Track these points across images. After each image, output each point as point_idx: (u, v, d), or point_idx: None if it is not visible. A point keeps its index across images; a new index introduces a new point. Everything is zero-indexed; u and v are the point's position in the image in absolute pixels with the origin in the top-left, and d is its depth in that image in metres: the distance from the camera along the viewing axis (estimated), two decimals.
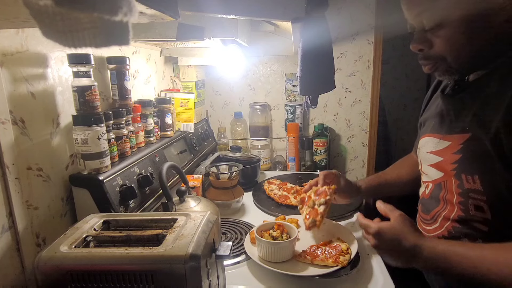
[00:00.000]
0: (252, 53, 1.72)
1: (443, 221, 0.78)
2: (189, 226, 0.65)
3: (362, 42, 1.74)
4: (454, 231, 0.75)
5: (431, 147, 0.81)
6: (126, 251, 0.58)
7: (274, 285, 0.83)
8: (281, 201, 1.28)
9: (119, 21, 0.27)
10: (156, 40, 0.96)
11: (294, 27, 0.83)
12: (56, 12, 0.26)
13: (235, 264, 0.92)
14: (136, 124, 1.05)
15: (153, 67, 1.34)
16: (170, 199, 0.88)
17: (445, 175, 0.77)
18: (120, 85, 1.00)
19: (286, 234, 0.93)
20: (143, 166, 1.00)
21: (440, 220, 0.78)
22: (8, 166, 0.67)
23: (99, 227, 0.68)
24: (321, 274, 0.82)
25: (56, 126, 0.82)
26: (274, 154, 1.93)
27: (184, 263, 0.55)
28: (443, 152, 0.77)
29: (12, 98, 0.69)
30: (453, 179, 0.74)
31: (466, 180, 0.71)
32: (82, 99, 0.80)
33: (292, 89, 1.87)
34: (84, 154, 0.81)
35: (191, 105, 1.34)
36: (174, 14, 0.48)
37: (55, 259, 0.57)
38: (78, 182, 0.83)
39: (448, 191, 0.76)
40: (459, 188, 0.73)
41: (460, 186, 0.73)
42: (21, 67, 0.71)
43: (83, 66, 0.79)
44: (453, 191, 0.74)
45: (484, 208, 0.69)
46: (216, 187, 1.24)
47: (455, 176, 0.74)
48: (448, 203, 0.76)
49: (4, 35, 0.67)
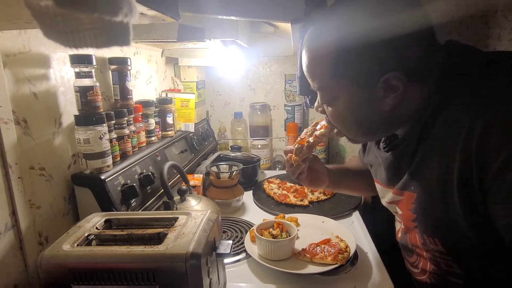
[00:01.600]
0: (252, 54, 1.73)
1: (423, 271, 0.75)
2: (190, 225, 0.65)
3: None
4: (435, 281, 0.72)
5: (388, 198, 0.77)
6: (127, 249, 0.58)
7: (274, 283, 0.84)
8: (281, 200, 1.29)
9: (120, 22, 0.28)
10: (157, 41, 0.96)
11: (293, 28, 0.83)
12: (57, 13, 0.27)
13: (235, 262, 0.92)
14: (137, 124, 1.06)
15: (154, 68, 1.35)
16: (171, 198, 0.89)
17: (408, 229, 0.74)
18: (122, 85, 1.01)
19: (285, 232, 0.93)
20: (145, 166, 1.01)
21: (421, 269, 0.75)
22: (11, 165, 0.68)
23: (101, 226, 0.69)
24: (320, 272, 0.83)
25: (59, 126, 0.82)
26: (274, 153, 1.94)
27: (185, 261, 0.56)
28: (401, 205, 0.73)
29: (14, 99, 0.69)
30: (417, 236, 0.70)
31: (429, 241, 0.67)
32: (84, 99, 0.81)
33: (291, 90, 1.88)
34: (86, 153, 0.82)
35: (191, 105, 1.34)
36: (174, 15, 0.49)
37: (57, 258, 0.58)
38: (80, 182, 0.84)
39: (416, 246, 0.73)
40: (424, 246, 0.69)
41: (425, 245, 0.69)
42: (23, 68, 0.72)
43: (85, 66, 0.80)
44: (421, 247, 0.71)
45: (454, 266, 0.66)
46: (217, 186, 1.25)
47: (418, 235, 0.70)
48: (420, 256, 0.74)
49: (6, 36, 0.68)
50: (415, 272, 0.79)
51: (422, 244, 0.70)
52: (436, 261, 0.69)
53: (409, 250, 0.78)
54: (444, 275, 0.69)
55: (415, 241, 0.72)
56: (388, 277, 0.83)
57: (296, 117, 1.83)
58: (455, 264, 0.66)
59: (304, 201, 1.27)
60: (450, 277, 0.68)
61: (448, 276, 0.69)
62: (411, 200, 0.68)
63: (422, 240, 0.69)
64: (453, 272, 0.67)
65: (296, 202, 1.27)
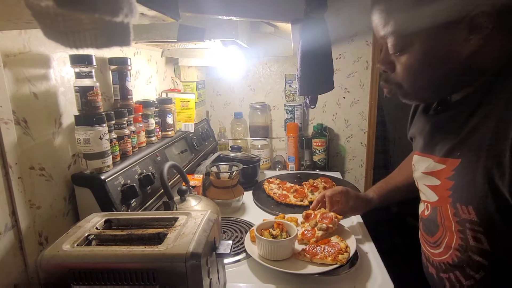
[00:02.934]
0: (252, 54, 1.73)
1: (446, 248, 0.72)
2: (190, 225, 0.65)
3: (361, 43, 1.75)
4: (457, 260, 0.69)
5: (425, 167, 0.76)
6: (127, 249, 0.58)
7: (274, 283, 0.84)
8: (281, 200, 1.29)
9: (120, 22, 0.28)
10: (157, 41, 0.96)
11: (293, 28, 0.83)
12: (58, 13, 0.26)
13: (235, 262, 0.92)
14: (137, 124, 1.06)
15: (154, 68, 1.35)
16: (171, 198, 0.89)
17: (440, 200, 0.72)
18: (122, 85, 1.01)
19: (285, 232, 0.93)
20: (145, 166, 1.01)
21: (443, 247, 0.73)
22: (11, 165, 0.68)
23: (101, 226, 0.68)
24: (320, 272, 0.83)
25: (59, 126, 0.82)
26: (273, 153, 1.94)
27: (185, 261, 0.55)
28: (438, 174, 0.71)
29: (15, 99, 0.69)
30: (449, 207, 0.69)
31: (461, 210, 0.66)
32: (84, 100, 0.81)
33: (291, 90, 1.88)
34: (86, 153, 0.82)
35: (191, 105, 1.34)
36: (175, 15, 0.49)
37: (57, 258, 0.58)
38: (80, 182, 0.84)
39: (445, 218, 0.71)
40: (455, 216, 0.68)
41: (456, 214, 0.67)
42: (23, 68, 0.72)
43: (85, 66, 0.80)
44: (450, 219, 0.69)
45: (482, 239, 0.64)
46: (217, 186, 1.25)
47: (450, 204, 0.68)
48: (447, 230, 0.71)
49: (7, 36, 0.68)
50: (434, 253, 0.76)
51: (454, 214, 0.68)
52: (464, 234, 0.67)
53: (434, 227, 0.75)
54: (469, 253, 0.67)
55: (445, 212, 0.70)
56: (388, 277, 0.84)
57: (296, 117, 1.84)
58: (484, 237, 0.64)
59: (304, 201, 1.28)
60: (475, 256, 0.66)
61: (473, 255, 0.66)
62: (452, 167, 0.67)
63: (454, 210, 0.67)
64: (479, 249, 0.65)
65: (296, 202, 1.27)
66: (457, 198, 0.67)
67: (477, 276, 0.67)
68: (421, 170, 0.77)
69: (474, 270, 0.67)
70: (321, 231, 0.96)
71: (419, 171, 0.79)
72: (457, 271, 0.70)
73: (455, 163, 0.66)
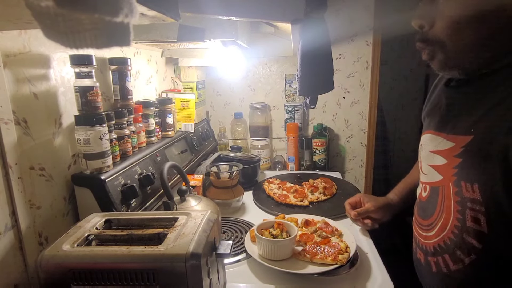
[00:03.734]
0: (252, 54, 1.73)
1: (439, 230, 0.72)
2: (190, 225, 0.65)
3: (361, 43, 1.75)
4: (449, 242, 0.69)
5: (433, 146, 0.75)
6: (127, 249, 0.58)
7: (274, 283, 0.84)
8: (281, 200, 1.29)
9: (120, 22, 0.28)
10: (157, 41, 0.96)
11: (293, 29, 0.83)
12: (58, 14, 0.27)
13: (235, 262, 0.92)
14: (137, 124, 1.06)
15: (154, 68, 1.35)
16: (171, 198, 0.89)
17: (444, 179, 0.71)
18: (122, 85, 1.01)
19: (285, 232, 0.93)
20: (145, 166, 1.01)
21: (437, 228, 0.73)
22: (11, 165, 0.68)
23: (101, 226, 0.69)
24: (320, 272, 0.83)
25: (59, 126, 0.82)
26: (273, 154, 1.94)
27: (185, 261, 0.56)
28: (446, 153, 0.70)
29: (15, 99, 0.69)
30: (451, 185, 0.68)
31: (465, 188, 0.65)
32: (84, 100, 0.81)
33: (291, 90, 1.88)
34: (86, 154, 0.82)
35: (191, 106, 1.34)
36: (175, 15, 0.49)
37: (57, 258, 0.58)
38: (80, 182, 0.84)
39: (446, 197, 0.70)
40: (457, 195, 0.67)
41: (458, 193, 0.66)
42: (23, 68, 0.72)
43: (85, 67, 0.80)
44: (451, 198, 0.68)
45: (481, 220, 0.63)
46: (217, 186, 1.25)
47: (454, 182, 0.67)
48: (444, 210, 0.71)
49: (7, 36, 0.68)
50: (426, 236, 0.76)
51: (456, 193, 0.67)
52: (462, 215, 0.66)
53: (431, 208, 0.74)
54: (463, 235, 0.66)
55: (447, 191, 0.69)
56: (388, 277, 0.84)
57: (296, 117, 1.84)
58: (484, 218, 0.62)
59: (304, 202, 1.27)
60: (469, 238, 0.65)
61: (467, 237, 0.65)
62: (462, 144, 0.66)
63: (457, 189, 0.66)
64: (476, 231, 0.64)
65: (296, 202, 1.27)
66: (462, 176, 0.66)
67: (466, 260, 0.66)
68: (429, 149, 0.76)
69: (465, 253, 0.66)
70: (320, 238, 0.97)
71: (426, 150, 0.77)
72: (446, 255, 0.70)
73: (465, 139, 0.65)
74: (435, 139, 0.75)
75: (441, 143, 0.72)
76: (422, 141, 0.82)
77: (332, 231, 0.99)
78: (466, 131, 0.65)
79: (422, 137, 0.82)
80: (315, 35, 0.81)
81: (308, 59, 0.84)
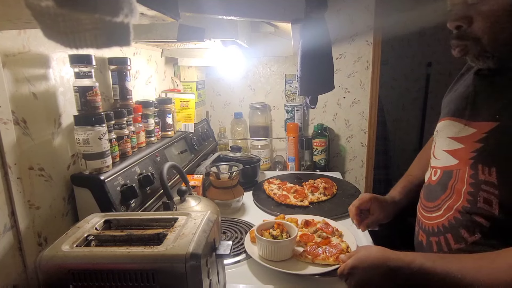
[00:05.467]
0: (252, 54, 1.73)
1: (446, 210, 0.74)
2: (189, 226, 0.65)
3: (361, 43, 1.75)
4: (454, 221, 0.71)
5: (453, 132, 0.76)
6: (127, 250, 0.58)
7: (274, 283, 0.83)
8: (281, 201, 1.29)
9: (120, 22, 0.28)
10: (157, 41, 0.96)
11: (293, 28, 0.83)
12: (58, 13, 0.26)
13: (235, 263, 0.92)
14: (137, 124, 1.06)
15: (154, 68, 1.35)
16: (171, 199, 0.88)
17: (459, 163, 0.73)
18: (121, 85, 1.01)
19: (286, 233, 0.93)
20: (144, 166, 1.01)
21: (443, 209, 0.75)
22: (10, 166, 0.67)
23: (101, 227, 0.68)
24: (321, 273, 0.83)
25: (58, 126, 0.82)
26: (274, 154, 1.94)
27: (184, 262, 0.55)
28: (465, 139, 0.72)
29: (14, 99, 0.69)
30: (467, 168, 0.70)
31: (482, 171, 0.67)
32: (84, 100, 0.80)
33: (291, 90, 1.88)
34: (85, 154, 0.82)
35: (191, 106, 1.34)
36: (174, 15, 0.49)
37: (56, 258, 0.57)
38: (80, 182, 0.83)
39: (459, 180, 0.72)
40: (471, 178, 0.69)
41: (473, 176, 0.69)
42: (23, 68, 0.72)
43: (84, 66, 0.79)
44: (465, 180, 0.71)
45: (493, 202, 0.65)
46: (217, 186, 1.25)
47: (470, 166, 0.70)
48: (455, 192, 0.73)
49: (6, 36, 0.68)
50: (430, 217, 0.78)
51: (471, 175, 0.69)
52: (474, 196, 0.68)
53: (440, 190, 0.76)
54: (471, 214, 0.68)
55: (462, 174, 0.71)
56: None
57: (296, 117, 1.83)
58: (496, 200, 0.65)
59: (304, 202, 1.27)
60: (477, 217, 0.68)
61: (475, 216, 0.68)
62: (485, 130, 0.68)
63: (473, 172, 0.69)
64: (486, 211, 0.67)
65: (296, 202, 1.27)
66: (480, 160, 0.68)
67: (469, 239, 0.69)
68: (447, 134, 0.78)
69: (470, 232, 0.69)
70: (320, 238, 0.96)
71: (444, 137, 0.79)
72: (449, 234, 0.72)
73: (489, 125, 0.68)
74: (454, 125, 0.77)
75: (462, 130, 0.74)
76: (438, 127, 0.84)
77: (333, 231, 0.99)
78: (491, 118, 0.68)
79: (439, 124, 0.84)
80: (315, 34, 0.81)
81: (308, 59, 0.84)
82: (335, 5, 1.69)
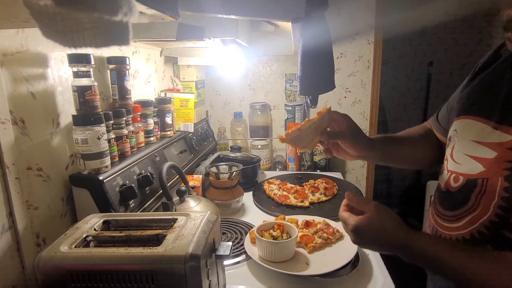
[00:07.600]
0: (252, 53, 1.72)
1: (468, 223, 0.66)
2: (189, 226, 0.65)
3: (362, 42, 1.75)
4: (479, 235, 0.64)
5: (478, 135, 0.67)
6: (126, 251, 0.58)
7: (274, 284, 0.83)
8: (281, 201, 1.29)
9: (119, 21, 0.27)
10: (156, 40, 0.96)
11: (294, 27, 0.83)
12: (56, 12, 0.26)
13: (235, 264, 0.92)
14: (136, 124, 1.05)
15: (153, 67, 1.34)
16: (170, 199, 0.88)
17: (487, 172, 0.64)
18: (120, 85, 1.00)
19: (286, 233, 0.93)
20: (143, 166, 1.00)
21: (465, 221, 0.66)
22: (8, 166, 0.67)
23: (99, 227, 0.68)
24: (321, 273, 0.82)
25: (56, 126, 0.82)
26: (274, 154, 1.93)
27: (184, 263, 0.55)
28: (496, 146, 0.63)
29: (12, 98, 0.69)
30: (501, 180, 0.61)
31: None
32: (82, 99, 0.80)
33: (292, 89, 1.87)
34: (84, 154, 0.81)
35: (191, 105, 1.34)
36: (174, 14, 0.48)
37: (55, 259, 0.57)
38: (78, 182, 0.83)
39: (487, 191, 0.63)
40: (505, 191, 0.60)
41: (508, 190, 0.60)
42: (21, 67, 0.71)
43: (83, 66, 0.79)
44: (496, 193, 0.62)
45: None
46: (216, 187, 1.24)
47: (505, 177, 0.60)
48: (480, 204, 0.64)
49: (4, 35, 0.67)
50: (449, 227, 0.70)
51: (505, 189, 0.61)
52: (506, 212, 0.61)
53: (462, 200, 0.68)
54: (500, 230, 0.61)
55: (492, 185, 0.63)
56: (389, 279, 0.83)
57: (297, 117, 1.83)
58: None
59: (304, 202, 1.27)
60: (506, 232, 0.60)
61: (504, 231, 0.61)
62: None
63: (508, 184, 0.60)
64: None
65: (297, 203, 1.27)
66: None
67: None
68: (470, 137, 0.68)
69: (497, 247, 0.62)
70: (321, 239, 0.96)
71: (466, 139, 0.69)
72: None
73: None
74: (478, 126, 0.68)
75: (490, 133, 0.65)
76: (458, 126, 0.73)
77: (333, 232, 0.99)
78: None
79: (457, 122, 0.73)
80: (316, 34, 0.81)
81: (309, 58, 0.83)
82: (336, 4, 1.68)
